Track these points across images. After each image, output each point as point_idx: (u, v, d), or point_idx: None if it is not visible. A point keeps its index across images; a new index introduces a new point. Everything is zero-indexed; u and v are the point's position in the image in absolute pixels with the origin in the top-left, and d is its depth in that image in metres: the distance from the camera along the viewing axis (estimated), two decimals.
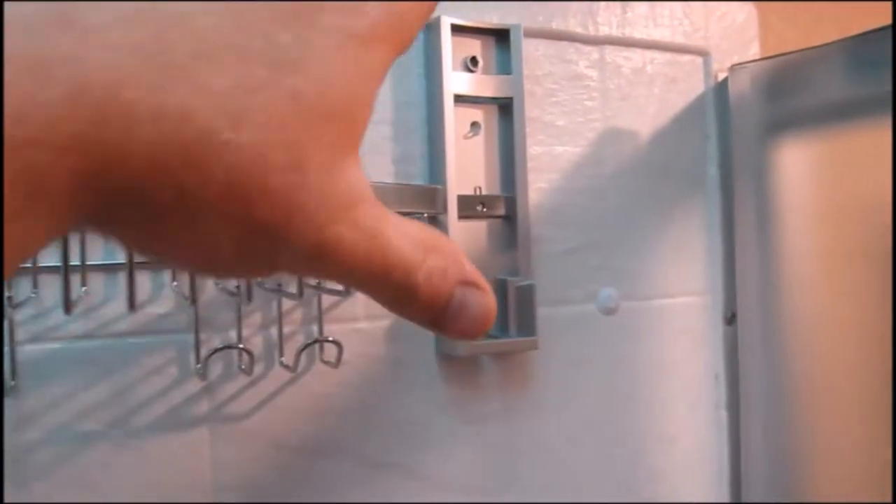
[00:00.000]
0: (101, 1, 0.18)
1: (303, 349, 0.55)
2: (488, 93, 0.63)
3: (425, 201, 0.53)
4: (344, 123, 0.22)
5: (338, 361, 0.56)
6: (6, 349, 0.50)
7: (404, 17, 0.25)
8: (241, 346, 0.53)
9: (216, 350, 0.53)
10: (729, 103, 0.74)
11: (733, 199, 0.74)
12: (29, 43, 0.16)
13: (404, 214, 0.54)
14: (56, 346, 0.52)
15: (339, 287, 0.50)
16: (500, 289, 0.64)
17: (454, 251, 0.26)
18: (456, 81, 0.62)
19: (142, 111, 0.18)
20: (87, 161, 0.17)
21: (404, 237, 0.24)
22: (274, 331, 0.57)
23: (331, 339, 0.55)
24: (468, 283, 0.25)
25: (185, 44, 0.19)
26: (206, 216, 0.20)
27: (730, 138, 0.74)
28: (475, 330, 0.26)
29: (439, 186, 0.57)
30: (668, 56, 0.74)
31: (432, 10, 0.29)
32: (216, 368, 0.56)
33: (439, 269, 0.25)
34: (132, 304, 0.43)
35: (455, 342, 0.61)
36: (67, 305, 0.41)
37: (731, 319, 0.76)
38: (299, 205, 0.21)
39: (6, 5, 0.16)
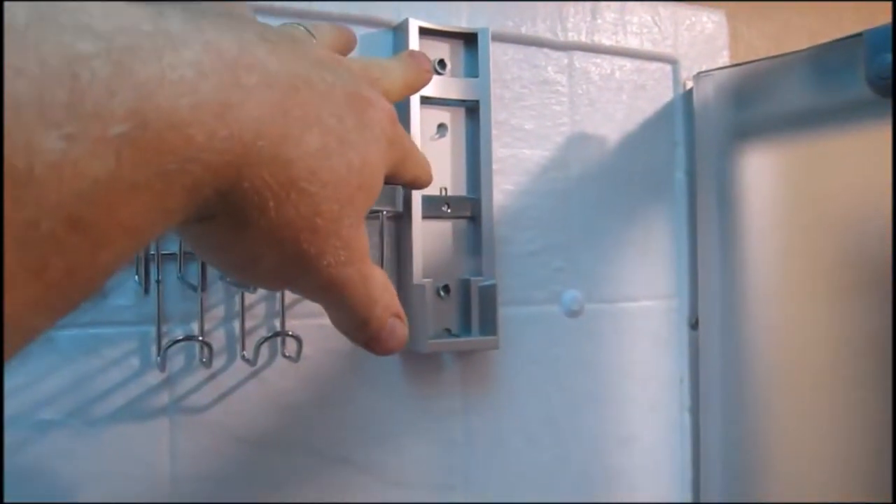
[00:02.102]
0: (254, 67, 0.25)
1: (262, 342, 0.56)
2: (455, 95, 0.64)
3: (385, 199, 0.54)
4: (369, 193, 0.30)
5: (297, 356, 0.56)
6: None
7: (408, 151, 0.39)
8: (200, 338, 0.54)
9: (175, 342, 0.54)
10: (693, 111, 0.75)
11: (700, 204, 0.75)
12: (217, 94, 0.23)
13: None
14: None
15: None
16: (463, 289, 0.65)
17: (392, 290, 0.35)
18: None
19: (266, 153, 0.25)
20: (225, 177, 0.24)
21: (377, 279, 0.33)
22: (236, 324, 0.58)
23: (290, 333, 0.56)
24: (398, 315, 0.36)
25: (296, 110, 0.26)
26: (267, 235, 0.26)
27: (698, 144, 0.75)
28: (394, 350, 0.37)
29: (399, 186, 0.58)
30: (636, 63, 0.75)
31: (419, 166, 0.46)
32: (177, 361, 0.57)
33: (386, 304, 0.34)
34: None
35: (418, 340, 0.62)
36: None
37: (696, 324, 0.77)
38: (332, 248, 0.29)
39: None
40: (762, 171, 0.71)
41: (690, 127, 0.76)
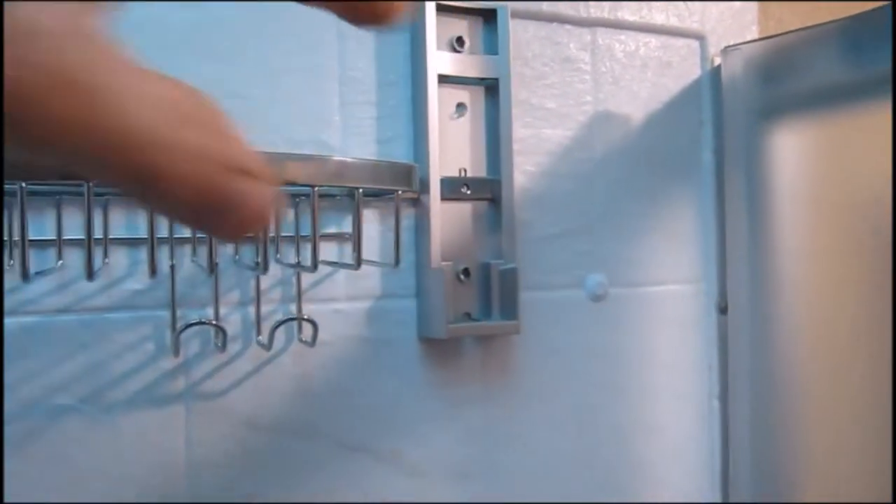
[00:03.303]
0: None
1: (276, 327, 0.54)
2: (474, 73, 0.63)
3: (401, 179, 0.52)
4: None
5: (313, 340, 0.55)
6: None
7: None
8: (214, 322, 0.53)
9: (188, 325, 0.53)
10: (721, 87, 0.72)
11: (729, 185, 0.73)
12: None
13: (380, 193, 0.54)
14: (32, 319, 0.52)
15: (308, 264, 0.49)
16: (484, 272, 0.64)
17: (221, 126, 0.20)
18: (440, 61, 0.61)
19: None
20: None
21: (145, 98, 0.18)
22: (252, 309, 0.57)
23: (306, 317, 0.55)
24: (237, 170, 0.19)
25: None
26: None
27: (728, 124, 0.73)
28: (245, 228, 0.20)
29: (415, 164, 0.56)
30: (662, 39, 0.73)
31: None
32: (193, 346, 0.56)
33: (195, 147, 0.18)
34: (90, 274, 0.43)
35: (437, 325, 0.60)
36: (24, 273, 0.41)
37: (725, 308, 0.74)
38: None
39: None
40: (792, 150, 0.69)
41: (718, 105, 0.74)
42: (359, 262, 0.49)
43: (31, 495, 0.52)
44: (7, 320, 0.52)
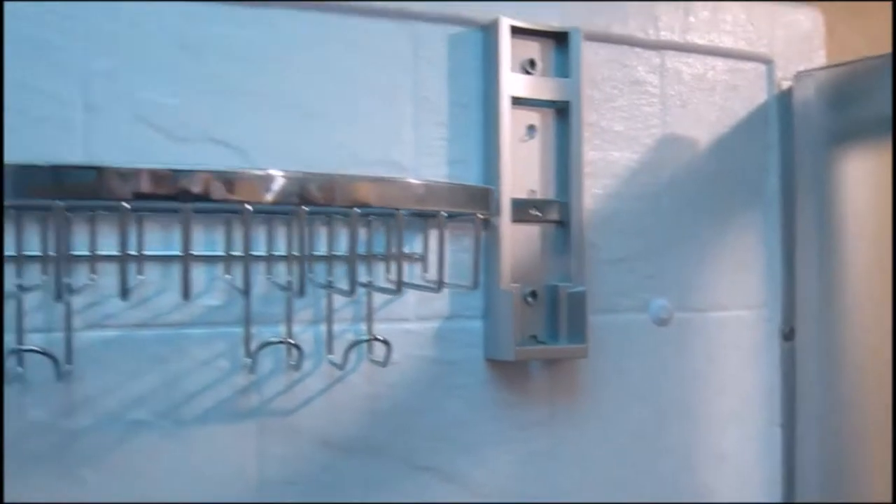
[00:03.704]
0: None
1: (351, 347, 0.55)
2: (546, 96, 0.63)
3: (479, 203, 0.52)
4: None
5: (386, 361, 0.55)
6: (63, 335, 0.51)
7: None
8: (291, 341, 0.53)
9: (267, 344, 0.53)
10: (793, 112, 0.72)
11: (795, 210, 0.72)
12: None
13: (456, 215, 0.54)
14: (112, 333, 0.53)
15: (391, 285, 0.49)
16: (551, 295, 0.63)
17: None
18: (513, 83, 0.61)
19: None
20: None
21: None
22: (323, 327, 0.57)
23: (380, 338, 0.55)
24: None
25: None
26: None
27: (793, 148, 0.72)
28: None
29: (493, 188, 0.56)
30: (730, 63, 0.72)
31: None
32: (265, 363, 0.56)
33: None
34: (187, 294, 0.43)
35: (504, 347, 0.60)
36: (124, 292, 0.42)
37: (789, 334, 0.73)
38: None
39: None
40: (864, 176, 0.68)
41: (785, 129, 0.73)
42: (440, 284, 0.49)
43: None
44: (88, 333, 0.53)
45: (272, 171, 0.45)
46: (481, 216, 0.54)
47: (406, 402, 0.60)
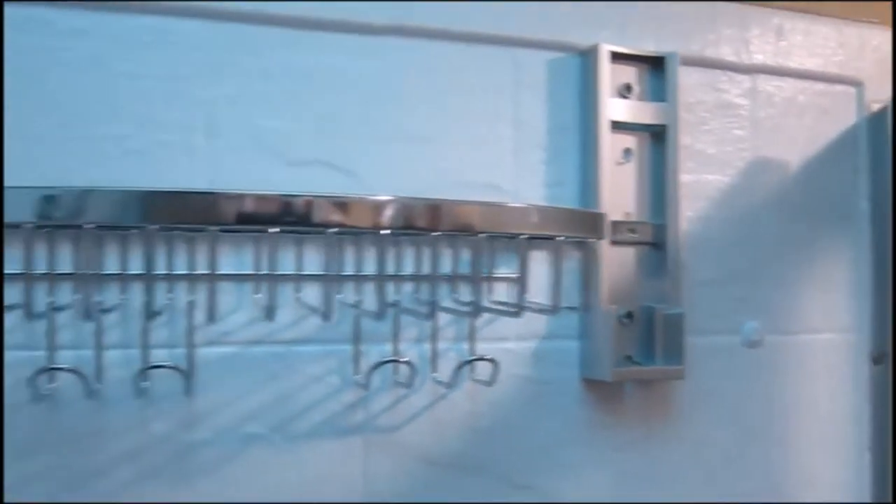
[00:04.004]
0: None
1: (461, 367, 0.56)
2: (643, 119, 0.63)
3: (589, 227, 0.53)
4: None
5: (493, 380, 0.56)
6: (185, 351, 0.53)
7: None
8: (404, 359, 0.54)
9: (383, 362, 0.54)
10: (885, 135, 0.71)
11: (885, 233, 0.72)
12: None
13: (567, 240, 0.55)
14: (229, 350, 0.55)
15: (500, 307, 0.50)
16: (647, 316, 0.64)
17: None
18: (612, 108, 0.62)
19: None
20: None
21: None
22: (427, 346, 0.59)
23: (488, 357, 0.56)
24: None
25: None
26: None
27: (884, 170, 0.72)
28: None
29: (604, 212, 0.57)
30: (820, 86, 0.72)
31: None
32: (373, 380, 0.57)
33: None
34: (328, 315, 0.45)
35: (601, 367, 0.61)
36: (269, 311, 0.43)
37: (878, 358, 0.73)
38: None
39: None
40: None
41: (877, 153, 0.73)
42: (555, 308, 0.50)
43: None
44: (207, 350, 0.54)
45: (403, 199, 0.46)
46: (592, 239, 0.55)
47: (505, 421, 0.61)
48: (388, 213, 0.51)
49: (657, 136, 0.65)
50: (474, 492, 0.60)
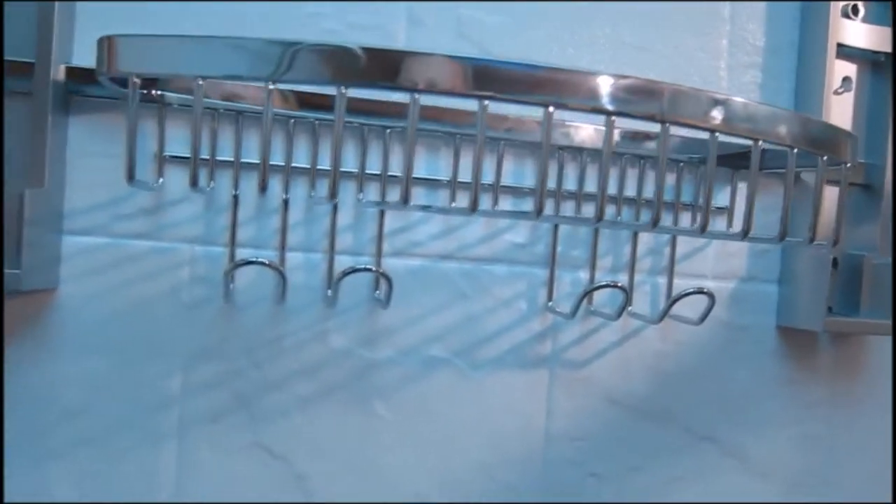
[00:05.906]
0: None
1: (673, 302, 0.50)
2: (869, 45, 0.57)
3: (841, 148, 0.47)
4: None
5: (702, 319, 0.51)
6: (370, 259, 0.48)
7: None
8: (620, 285, 0.48)
9: (596, 287, 0.48)
10: None
11: None
12: None
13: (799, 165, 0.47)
14: (417, 262, 0.50)
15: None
16: (854, 264, 0.58)
17: None
18: (839, 29, 0.56)
19: None
20: None
21: None
22: (622, 277, 0.53)
23: (705, 290, 0.50)
24: None
25: None
26: None
27: None
28: None
29: (853, 133, 0.51)
30: None
31: None
32: (561, 309, 0.52)
33: None
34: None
35: (809, 316, 0.55)
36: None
37: None
38: None
39: None
40: None
41: None
42: (811, 239, 0.45)
43: (402, 444, 0.50)
44: (395, 261, 0.49)
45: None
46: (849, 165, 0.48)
47: (692, 365, 0.56)
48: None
49: (878, 67, 0.58)
50: (655, 439, 0.55)
